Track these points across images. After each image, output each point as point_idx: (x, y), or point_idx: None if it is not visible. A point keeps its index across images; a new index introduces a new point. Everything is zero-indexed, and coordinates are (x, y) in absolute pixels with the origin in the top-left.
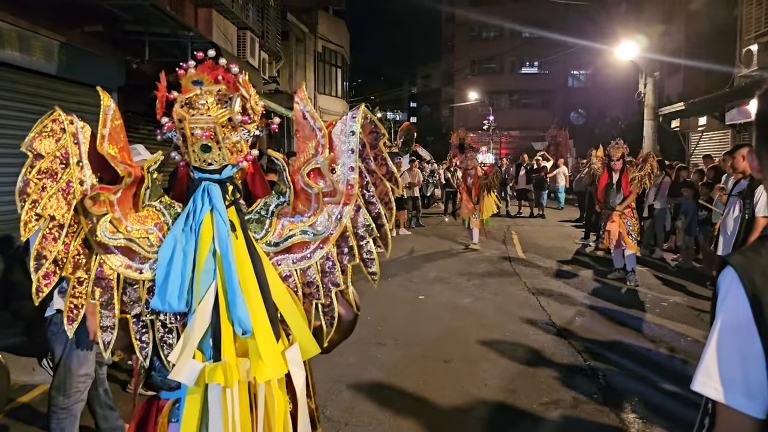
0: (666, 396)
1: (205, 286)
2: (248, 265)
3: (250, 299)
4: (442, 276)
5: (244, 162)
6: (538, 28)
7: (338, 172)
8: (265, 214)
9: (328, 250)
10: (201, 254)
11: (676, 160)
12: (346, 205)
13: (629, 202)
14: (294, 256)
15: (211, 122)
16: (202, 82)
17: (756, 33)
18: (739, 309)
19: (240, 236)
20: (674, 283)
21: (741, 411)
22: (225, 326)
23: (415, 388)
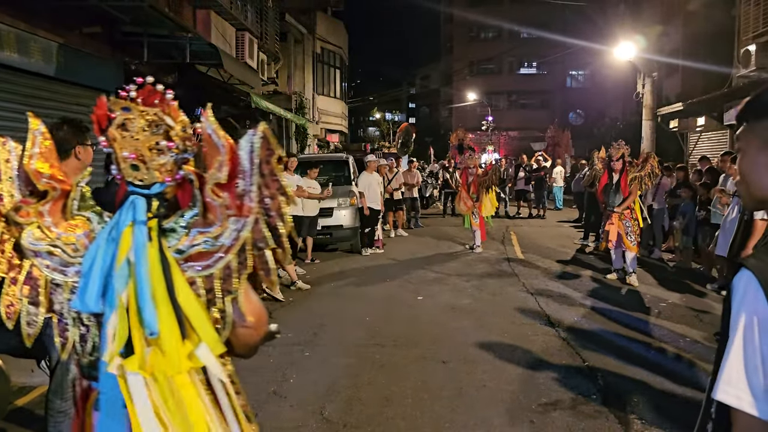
0: (665, 397)
1: (120, 290)
2: (159, 272)
3: (159, 303)
4: (440, 277)
5: (172, 181)
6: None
7: (241, 187)
8: (179, 225)
9: (228, 259)
10: (118, 261)
11: (675, 160)
12: (247, 218)
13: (629, 203)
14: (199, 264)
15: (138, 146)
16: (131, 108)
17: (754, 33)
18: (759, 312)
19: (155, 245)
20: (673, 283)
21: (764, 419)
22: (135, 327)
23: (414, 388)
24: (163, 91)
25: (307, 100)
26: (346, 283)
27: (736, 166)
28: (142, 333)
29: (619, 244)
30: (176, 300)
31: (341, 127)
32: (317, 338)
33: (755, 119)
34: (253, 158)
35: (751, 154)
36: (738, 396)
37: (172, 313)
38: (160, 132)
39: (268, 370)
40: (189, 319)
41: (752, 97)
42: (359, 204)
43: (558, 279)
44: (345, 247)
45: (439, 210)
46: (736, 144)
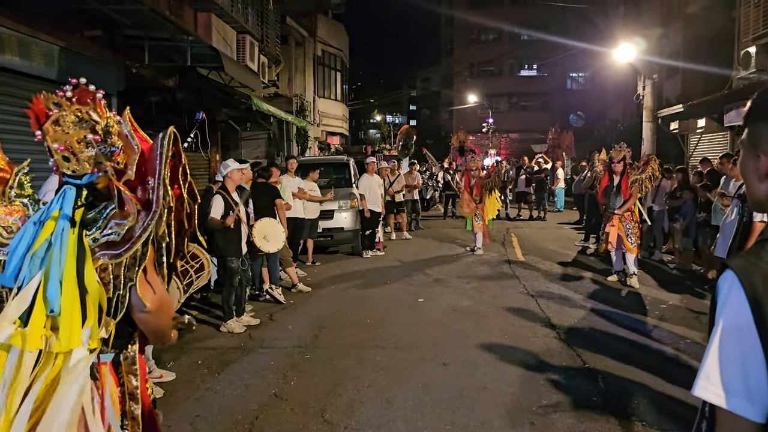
0: (666, 399)
1: (35, 270)
2: (73, 256)
3: (67, 283)
4: (441, 279)
5: (100, 173)
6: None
7: (150, 184)
8: (101, 216)
9: (135, 249)
10: (37, 243)
11: (675, 161)
12: (154, 213)
13: (629, 205)
14: (112, 252)
15: (68, 139)
16: (61, 104)
17: (754, 35)
18: (740, 313)
19: (75, 232)
20: (673, 285)
21: (741, 415)
22: (38, 304)
23: (415, 391)
24: (94, 91)
25: (308, 103)
26: (347, 285)
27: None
28: (45, 310)
29: (619, 246)
30: (83, 282)
31: (342, 130)
32: (318, 340)
33: (748, 124)
34: (162, 159)
35: (743, 157)
36: (717, 393)
37: (76, 294)
38: (87, 127)
39: (269, 372)
40: (89, 301)
41: (750, 102)
42: (360, 206)
43: (559, 281)
44: (346, 250)
45: (440, 212)
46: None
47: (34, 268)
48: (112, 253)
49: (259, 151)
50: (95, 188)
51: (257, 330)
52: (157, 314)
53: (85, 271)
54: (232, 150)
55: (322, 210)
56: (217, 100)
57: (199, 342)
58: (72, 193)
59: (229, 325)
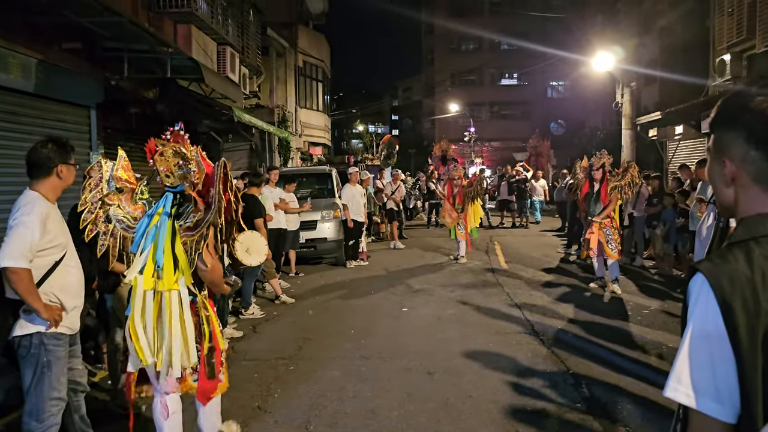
0: (649, 404)
1: (148, 242)
2: (169, 235)
3: (166, 251)
4: (425, 288)
5: (186, 184)
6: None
7: (211, 193)
8: (185, 211)
9: (201, 232)
10: (150, 227)
11: (654, 168)
12: (212, 210)
13: (608, 212)
14: (188, 233)
15: (167, 164)
16: (164, 144)
17: (728, 43)
18: (709, 314)
19: (170, 221)
20: (655, 290)
21: (712, 416)
22: (149, 262)
23: (400, 400)
24: (183, 134)
25: (290, 114)
26: (331, 296)
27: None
28: (153, 266)
29: (600, 253)
30: (174, 251)
31: (324, 140)
32: (302, 352)
33: (713, 130)
34: (216, 178)
35: (710, 163)
36: (688, 394)
37: (171, 257)
38: (179, 156)
39: (253, 385)
40: (179, 262)
41: (714, 110)
42: (343, 216)
43: (542, 288)
44: (329, 260)
45: (423, 221)
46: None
47: (147, 241)
48: (189, 234)
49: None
50: (183, 194)
51: (240, 342)
52: (211, 272)
53: (175, 244)
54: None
55: (305, 221)
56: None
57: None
58: (171, 197)
59: None
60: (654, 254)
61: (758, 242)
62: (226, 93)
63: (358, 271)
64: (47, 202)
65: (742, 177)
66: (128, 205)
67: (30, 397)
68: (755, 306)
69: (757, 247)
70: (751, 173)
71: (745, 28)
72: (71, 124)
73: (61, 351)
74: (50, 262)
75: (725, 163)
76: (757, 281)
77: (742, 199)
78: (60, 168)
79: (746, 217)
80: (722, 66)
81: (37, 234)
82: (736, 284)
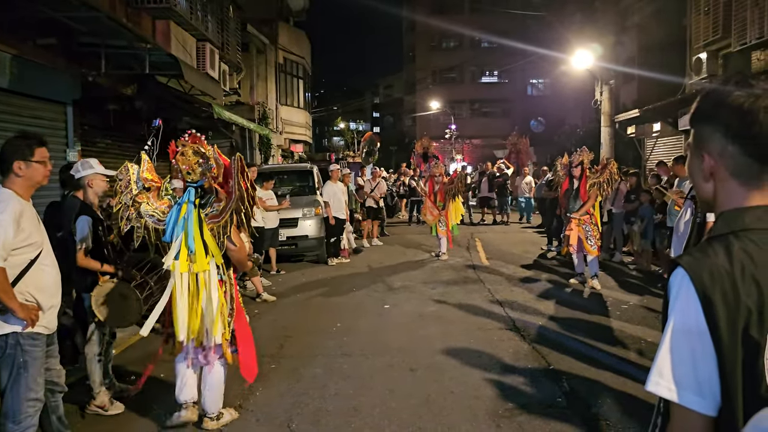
0: (628, 398)
1: (179, 231)
2: (197, 223)
3: (196, 237)
4: (407, 285)
5: (205, 179)
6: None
7: (231, 184)
8: (208, 202)
9: (226, 218)
10: (179, 217)
11: (633, 165)
12: (233, 199)
13: (587, 208)
14: (214, 220)
15: (189, 162)
16: (185, 144)
17: (704, 42)
18: (690, 309)
19: (196, 211)
20: (634, 285)
21: (693, 409)
22: (183, 249)
23: (382, 397)
24: (200, 136)
25: (271, 111)
26: (312, 293)
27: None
28: (187, 251)
29: (580, 249)
30: (203, 236)
31: (305, 137)
32: (283, 350)
33: (693, 126)
34: (234, 170)
35: (690, 158)
36: (669, 388)
37: (201, 242)
38: (198, 155)
39: (234, 383)
40: (208, 246)
41: (694, 105)
42: (324, 214)
43: (522, 284)
44: (311, 258)
45: (404, 218)
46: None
47: (178, 230)
48: (214, 221)
49: None
50: (203, 187)
51: None
52: (238, 251)
53: (203, 231)
54: None
55: (286, 218)
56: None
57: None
58: (193, 191)
59: None
60: (632, 250)
61: (737, 236)
62: (206, 90)
63: (340, 268)
64: (21, 200)
65: (720, 171)
66: (156, 201)
67: (6, 398)
68: (735, 300)
69: (736, 240)
70: (729, 167)
71: (721, 26)
72: (47, 120)
73: (38, 351)
74: (25, 261)
75: (704, 157)
76: (737, 275)
77: (720, 194)
78: (17, 165)
79: (725, 211)
80: (699, 64)
81: (11, 232)
82: (716, 278)
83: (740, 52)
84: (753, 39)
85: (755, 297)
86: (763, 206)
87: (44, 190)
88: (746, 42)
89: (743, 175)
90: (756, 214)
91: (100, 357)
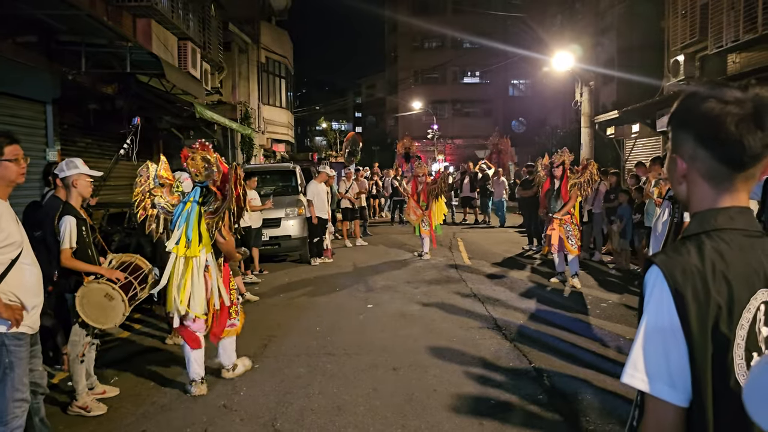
0: (608, 395)
1: (182, 222)
2: (197, 217)
3: (194, 228)
4: (389, 284)
5: (209, 181)
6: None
7: (226, 187)
8: (208, 200)
9: (220, 215)
10: (183, 211)
11: (613, 165)
12: (228, 200)
13: (568, 208)
14: (210, 216)
15: (196, 166)
16: (195, 150)
17: (682, 44)
18: (663, 304)
19: (198, 207)
20: (613, 284)
21: (665, 399)
22: (182, 237)
23: (365, 396)
24: (208, 144)
25: (253, 110)
26: (296, 293)
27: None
28: (185, 239)
29: (561, 248)
30: (200, 228)
31: (288, 137)
32: (267, 350)
33: (671, 130)
34: (230, 177)
35: (668, 160)
36: (643, 380)
37: (197, 233)
38: (205, 161)
39: (218, 383)
40: (202, 236)
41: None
42: (307, 213)
43: (504, 283)
44: (294, 258)
45: (386, 219)
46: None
47: (181, 221)
48: (211, 216)
49: None
50: (207, 188)
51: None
52: (227, 243)
53: (201, 223)
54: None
55: (269, 218)
56: (159, 108)
57: (143, 355)
58: (198, 189)
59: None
60: (612, 249)
61: (709, 236)
62: (188, 89)
63: (323, 268)
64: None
65: (692, 174)
66: (168, 195)
67: None
68: (705, 296)
69: (708, 240)
70: (701, 171)
71: (698, 29)
72: (26, 119)
73: (23, 351)
74: (6, 261)
75: (677, 160)
76: (708, 273)
77: (693, 195)
78: None
79: (698, 212)
80: (676, 66)
81: None
82: (688, 276)
83: (717, 55)
84: (729, 42)
85: (725, 294)
86: (735, 207)
87: (22, 189)
88: (722, 45)
89: (714, 179)
90: (727, 215)
91: (82, 358)
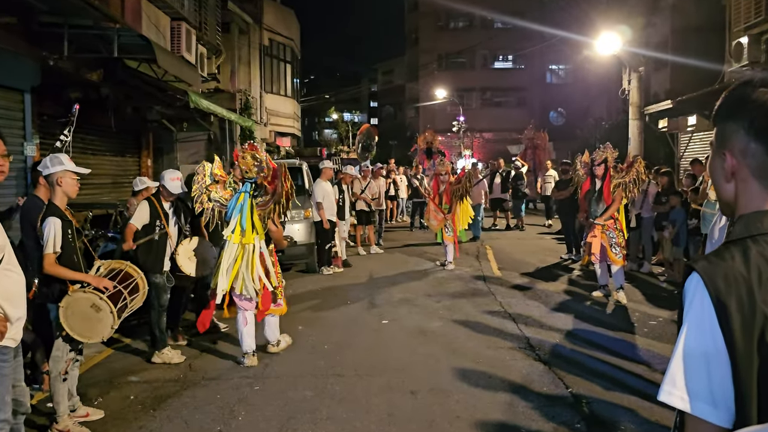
0: (654, 426)
1: (236, 213)
2: (249, 209)
3: (248, 219)
4: (408, 297)
5: (259, 176)
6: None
7: (276, 183)
8: (259, 194)
9: (270, 207)
10: (238, 203)
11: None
12: (277, 194)
13: (611, 212)
14: (261, 208)
15: (248, 164)
16: (245, 150)
17: (746, 24)
18: (704, 314)
19: (250, 200)
20: (664, 299)
21: (706, 420)
22: (237, 226)
23: (379, 422)
24: (257, 144)
25: (254, 99)
26: (301, 307)
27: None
28: (240, 228)
29: (603, 258)
30: (253, 218)
31: (293, 130)
32: (269, 370)
33: (716, 123)
34: (279, 173)
35: (711, 157)
36: (682, 397)
37: (250, 223)
38: (254, 159)
39: (214, 407)
40: (255, 226)
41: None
42: (316, 217)
43: (538, 298)
44: (299, 267)
45: (406, 223)
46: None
47: (236, 213)
48: (261, 208)
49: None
50: (257, 183)
51: (199, 359)
52: (277, 232)
53: (254, 214)
54: (165, 154)
55: None
56: (149, 96)
57: (130, 374)
58: (248, 185)
59: (164, 355)
60: (663, 259)
61: (755, 240)
62: (181, 75)
63: (332, 278)
64: None
65: (742, 171)
66: (222, 190)
67: None
68: (751, 306)
69: (754, 245)
70: (751, 167)
71: (764, 8)
72: (1, 110)
73: (7, 367)
74: None
75: (725, 156)
76: (753, 280)
77: (741, 195)
78: None
79: (745, 213)
80: (739, 49)
81: None
82: (731, 283)
83: None
84: None
85: None
86: None
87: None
88: None
89: (765, 176)
90: None
91: (65, 376)
